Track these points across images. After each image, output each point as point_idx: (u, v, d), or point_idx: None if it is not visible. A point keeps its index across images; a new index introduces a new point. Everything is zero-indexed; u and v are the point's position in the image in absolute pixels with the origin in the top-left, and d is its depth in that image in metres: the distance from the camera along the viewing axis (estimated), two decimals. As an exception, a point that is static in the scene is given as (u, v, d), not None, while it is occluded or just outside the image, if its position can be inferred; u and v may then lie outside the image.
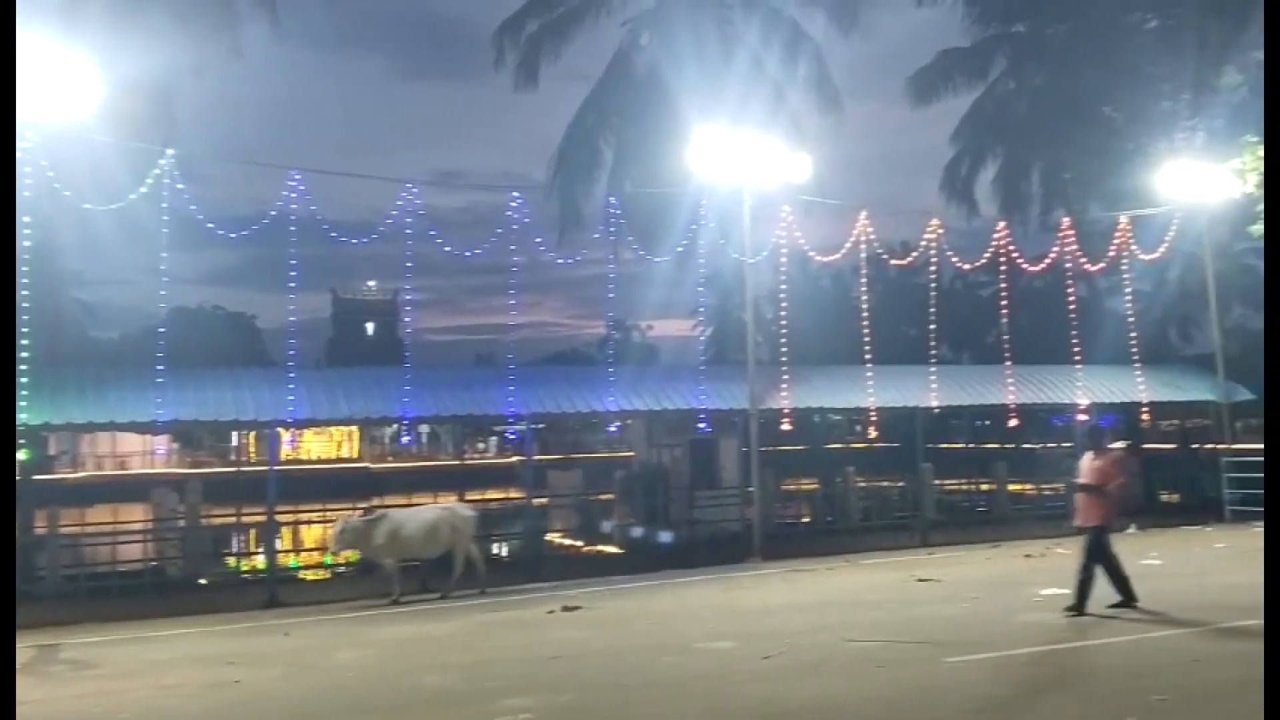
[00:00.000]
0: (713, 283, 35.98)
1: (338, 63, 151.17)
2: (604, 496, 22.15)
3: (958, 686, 8.79)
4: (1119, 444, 12.09)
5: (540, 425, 20.37)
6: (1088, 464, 12.15)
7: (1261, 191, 23.49)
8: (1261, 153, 22.97)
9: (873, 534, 21.07)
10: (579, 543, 22.16)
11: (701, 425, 21.04)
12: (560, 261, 21.58)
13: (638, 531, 21.32)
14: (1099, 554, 11.81)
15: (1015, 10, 30.96)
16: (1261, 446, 26.75)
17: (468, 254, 19.98)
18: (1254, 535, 18.87)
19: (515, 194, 19.14)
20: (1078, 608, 11.59)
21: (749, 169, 19.29)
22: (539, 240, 19.98)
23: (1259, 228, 24.29)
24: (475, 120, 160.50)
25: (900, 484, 24.52)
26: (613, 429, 23.76)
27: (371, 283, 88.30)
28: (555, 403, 19.83)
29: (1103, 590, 11.77)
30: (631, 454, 22.74)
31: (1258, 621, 10.73)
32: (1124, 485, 12.51)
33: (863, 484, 24.00)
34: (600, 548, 20.56)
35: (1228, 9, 23.30)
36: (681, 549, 19.76)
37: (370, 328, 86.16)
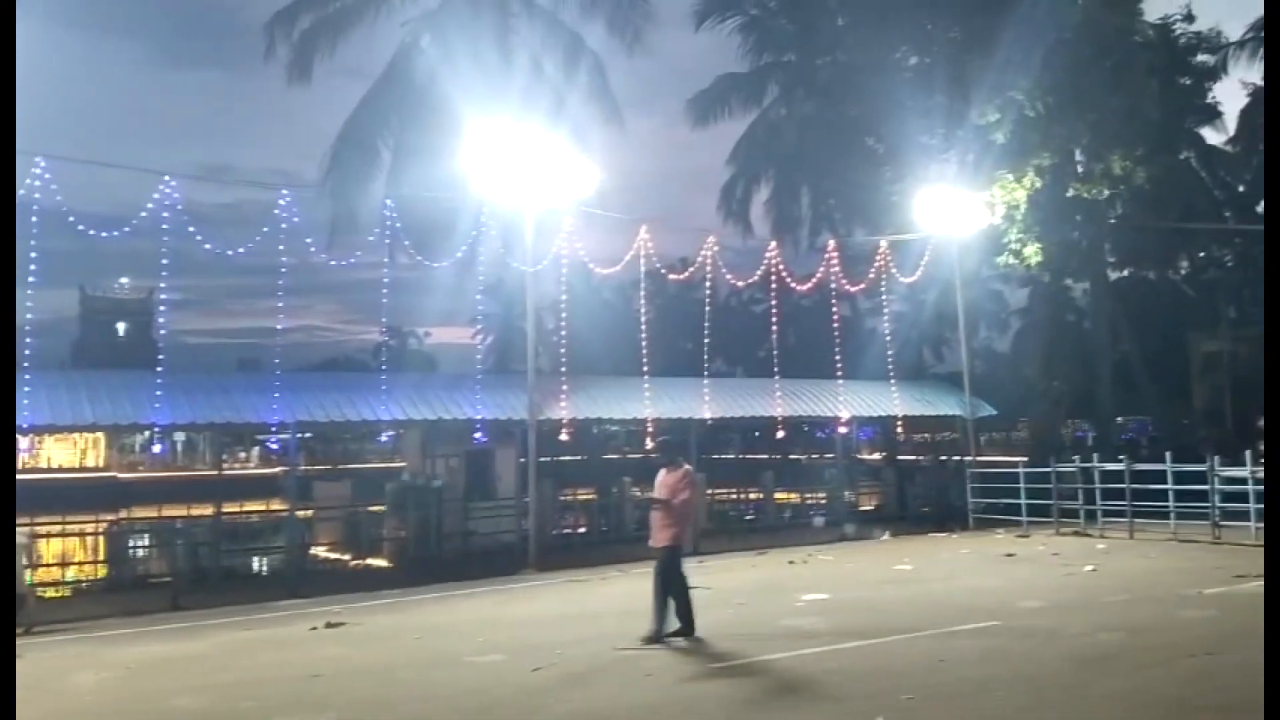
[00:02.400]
0: (495, 291, 35.64)
1: (94, 45, 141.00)
2: (374, 508, 21.47)
3: (718, 691, 8.94)
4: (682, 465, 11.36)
5: (307, 434, 19.53)
6: (660, 481, 11.40)
7: (1008, 223, 25.47)
8: (1009, 185, 24.90)
9: (647, 543, 21.27)
10: (346, 556, 21.36)
11: (478, 435, 20.75)
12: (333, 264, 20.79)
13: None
14: (672, 573, 11.17)
15: (787, 41, 32.38)
16: (1001, 459, 28.93)
17: (231, 252, 18.90)
18: (996, 541, 20.32)
19: (285, 192, 18.31)
20: (687, 629, 11.05)
21: (531, 178, 19.21)
22: (310, 241, 19.18)
23: (1005, 258, 26.33)
24: (244, 114, 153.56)
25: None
26: (385, 438, 23.10)
27: (124, 280, 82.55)
28: (323, 411, 19.09)
29: (702, 617, 11.39)
30: (404, 464, 22.17)
31: (1000, 623, 11.53)
32: (690, 503, 11.43)
33: (638, 494, 24.26)
34: (369, 561, 19.88)
35: (983, 49, 25.09)
36: (455, 561, 19.39)
37: (121, 328, 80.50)
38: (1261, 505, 18.31)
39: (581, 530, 23.43)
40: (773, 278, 24.73)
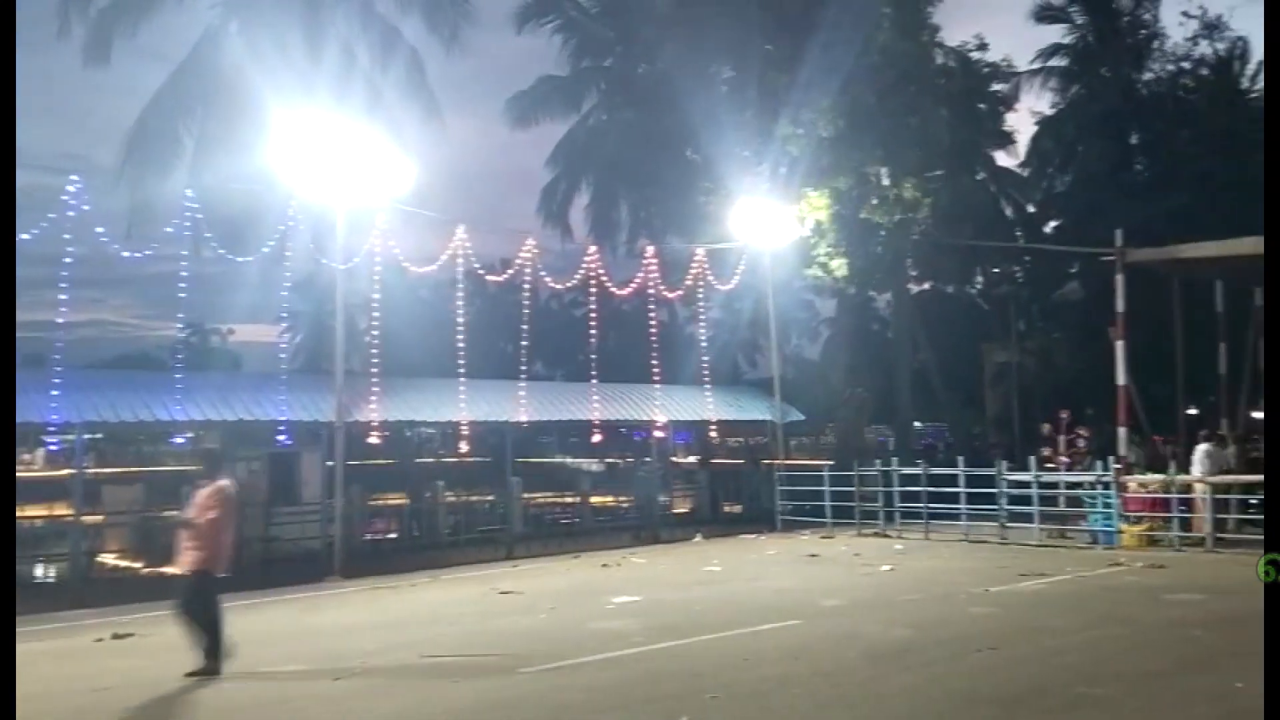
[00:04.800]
0: (305, 289, 34.40)
1: None
2: (169, 513, 20.31)
3: (530, 696, 8.87)
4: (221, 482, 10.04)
5: (97, 435, 18.36)
6: (195, 497, 10.21)
7: (817, 237, 26.39)
8: (813, 202, 25.81)
9: (460, 548, 21.06)
10: (138, 564, 20.15)
11: (283, 437, 19.97)
12: (127, 255, 19.55)
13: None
14: (201, 602, 9.96)
15: (607, 47, 32.62)
16: (808, 462, 29.93)
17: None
18: (801, 542, 20.99)
19: (74, 178, 17.12)
20: (211, 667, 9.87)
21: (344, 172, 18.65)
22: (102, 231, 17.98)
23: (814, 270, 27.27)
24: (32, 93, 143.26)
25: (490, 498, 24.72)
26: (181, 440, 21.97)
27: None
28: (114, 410, 18.00)
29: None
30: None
31: (802, 622, 11.88)
32: (219, 523, 10.04)
33: (452, 498, 23.91)
34: (162, 569, 18.79)
35: (789, 68, 25.93)
36: (256, 569, 18.58)
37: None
38: (1043, 508, 19.63)
39: (392, 536, 22.86)
40: (592, 282, 24.82)
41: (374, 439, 20.66)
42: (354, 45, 25.82)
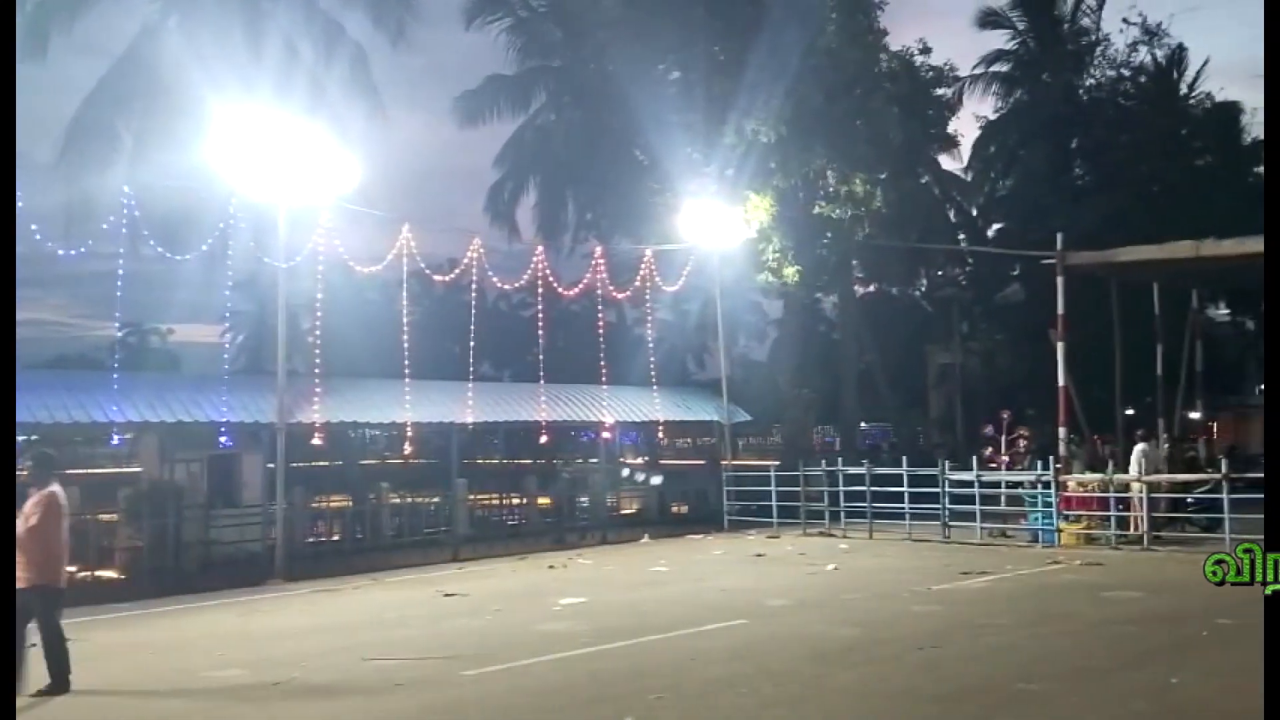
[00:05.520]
0: (247, 288, 33.95)
1: None
2: (106, 516, 19.90)
3: (474, 699, 8.80)
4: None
5: (31, 436, 17.91)
6: (25, 505, 9.35)
7: (764, 239, 26.49)
8: (756, 203, 25.92)
9: (404, 551, 20.83)
10: (72, 568, 19.66)
11: (223, 439, 19.63)
12: (64, 254, 19.10)
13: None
14: (40, 617, 9.22)
15: (556, 47, 32.48)
16: (755, 462, 30.06)
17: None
18: (748, 542, 21.06)
19: (7, 173, 16.65)
20: (57, 687, 9.17)
21: (286, 170, 18.37)
22: (35, 228, 17.53)
23: (765, 276, 27.39)
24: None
25: (435, 499, 24.51)
26: (118, 441, 21.52)
27: None
28: (47, 411, 17.58)
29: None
30: (140, 470, 20.69)
31: (748, 621, 11.91)
32: (42, 530, 9.19)
33: (396, 500, 23.68)
34: (98, 573, 18.41)
35: (735, 71, 26.01)
36: (195, 572, 18.27)
37: None
38: (984, 507, 19.90)
39: (335, 538, 22.58)
40: (540, 282, 24.72)
41: (317, 440, 20.38)
42: (296, 40, 25.40)
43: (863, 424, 37.87)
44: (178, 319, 51.34)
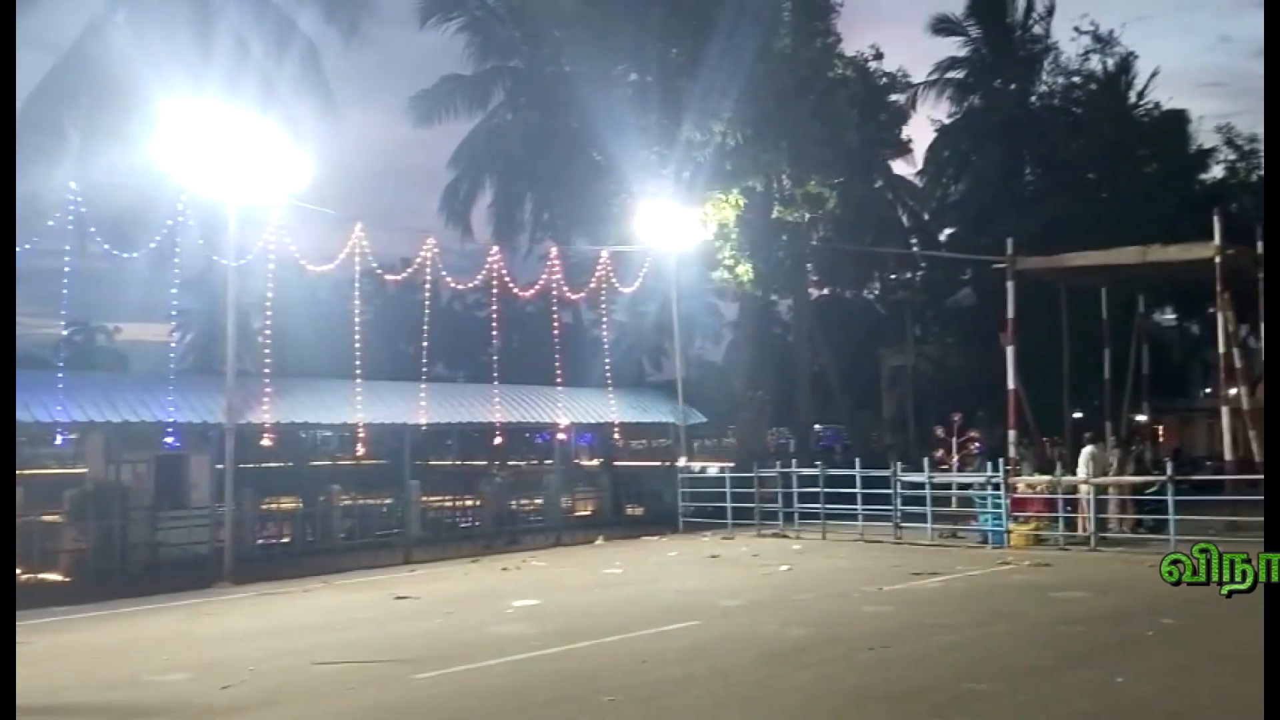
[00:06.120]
0: (196, 287, 33.35)
1: None
2: (50, 518, 19.51)
3: (425, 702, 8.73)
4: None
5: (-29, 437, 17.50)
6: None
7: (722, 241, 26.60)
8: (719, 204, 26.02)
9: (355, 553, 20.61)
10: (18, 570, 19.26)
11: (170, 440, 19.31)
12: (5, 250, 18.65)
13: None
14: None
15: (513, 47, 32.34)
16: (710, 464, 30.12)
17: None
18: (702, 543, 21.11)
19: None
20: None
21: (236, 168, 18.12)
22: (-24, 225, 17.14)
23: (720, 273, 27.49)
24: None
25: (387, 501, 24.29)
26: (62, 442, 21.11)
27: None
28: (-12, 411, 17.12)
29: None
30: (85, 470, 20.31)
31: (701, 622, 11.93)
32: None
33: (348, 501, 23.42)
34: (42, 575, 18.04)
35: (692, 73, 26.08)
36: (141, 575, 17.95)
37: None
38: (935, 508, 20.10)
39: (285, 540, 22.27)
40: (494, 283, 24.58)
41: (267, 441, 20.12)
42: (247, 36, 25.09)
43: (816, 426, 38.08)
44: (125, 318, 50.44)
